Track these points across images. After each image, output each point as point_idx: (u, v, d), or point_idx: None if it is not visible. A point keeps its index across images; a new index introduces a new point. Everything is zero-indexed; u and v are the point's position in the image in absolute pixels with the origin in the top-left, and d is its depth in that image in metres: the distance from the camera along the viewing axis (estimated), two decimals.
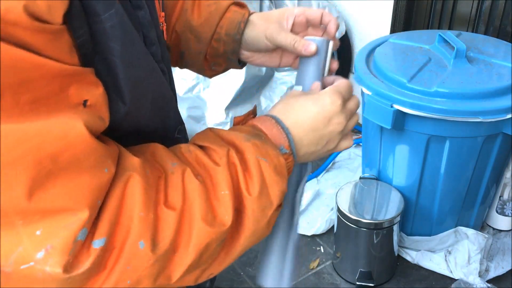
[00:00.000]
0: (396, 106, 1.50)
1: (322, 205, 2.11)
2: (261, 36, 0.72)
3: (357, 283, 1.78)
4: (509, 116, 1.46)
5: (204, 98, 2.24)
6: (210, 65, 0.79)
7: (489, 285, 1.69)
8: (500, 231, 1.94)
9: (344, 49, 2.57)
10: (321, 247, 1.95)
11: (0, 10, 0.36)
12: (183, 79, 2.21)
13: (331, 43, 0.71)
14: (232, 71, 2.38)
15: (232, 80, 2.18)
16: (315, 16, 0.72)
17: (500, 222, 1.93)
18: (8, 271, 0.41)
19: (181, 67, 0.82)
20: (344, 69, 2.64)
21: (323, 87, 0.67)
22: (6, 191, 0.38)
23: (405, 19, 2.18)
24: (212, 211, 0.50)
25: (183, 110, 2.21)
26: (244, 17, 0.73)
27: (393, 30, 2.22)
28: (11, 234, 0.40)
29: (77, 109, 0.43)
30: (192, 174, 0.51)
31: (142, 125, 0.56)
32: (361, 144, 2.15)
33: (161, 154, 0.52)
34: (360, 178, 1.84)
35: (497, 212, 1.91)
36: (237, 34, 0.73)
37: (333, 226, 1.84)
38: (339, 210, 1.69)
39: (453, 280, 1.75)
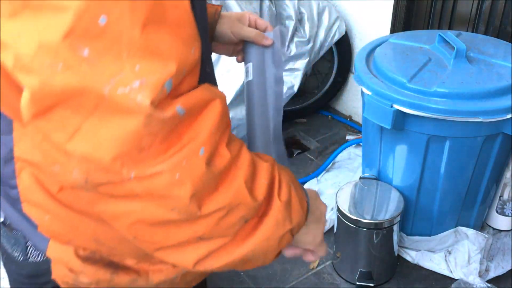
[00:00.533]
0: (396, 106, 1.50)
1: None
2: (228, 31, 0.88)
3: (357, 283, 1.78)
4: (509, 116, 1.46)
5: None
6: None
7: (489, 285, 1.69)
8: (500, 231, 1.94)
9: (344, 49, 2.56)
10: None
11: None
12: None
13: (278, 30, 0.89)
14: (232, 71, 2.36)
15: (232, 80, 2.18)
16: (261, 26, 0.90)
17: (500, 222, 1.93)
18: (105, 92, 0.45)
19: None
20: (344, 69, 2.64)
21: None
22: (129, 15, 0.44)
23: (405, 19, 2.18)
24: (252, 185, 0.56)
25: None
26: (218, 10, 0.87)
27: (393, 30, 2.22)
28: (117, 61, 0.45)
29: None
30: (247, 149, 0.57)
31: None
32: (361, 144, 2.15)
33: None
34: (360, 178, 1.84)
35: (497, 212, 1.91)
36: (214, 22, 0.86)
37: (333, 226, 1.84)
38: (339, 210, 1.69)
39: (453, 280, 1.75)
